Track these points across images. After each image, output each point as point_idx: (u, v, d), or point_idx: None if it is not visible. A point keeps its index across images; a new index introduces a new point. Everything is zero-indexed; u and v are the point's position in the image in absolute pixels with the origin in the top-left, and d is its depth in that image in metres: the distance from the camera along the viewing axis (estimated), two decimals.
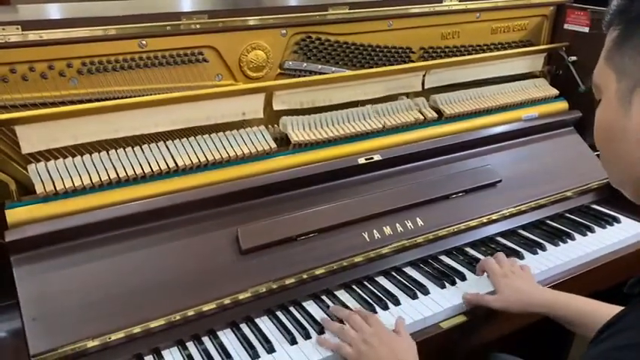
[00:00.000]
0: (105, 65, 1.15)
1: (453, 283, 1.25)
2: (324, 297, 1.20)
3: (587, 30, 1.69)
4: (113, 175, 1.13)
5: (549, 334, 1.72)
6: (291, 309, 1.16)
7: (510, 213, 1.47)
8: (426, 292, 1.21)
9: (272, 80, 1.36)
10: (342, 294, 1.21)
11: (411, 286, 1.23)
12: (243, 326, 1.11)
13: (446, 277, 1.26)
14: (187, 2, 1.45)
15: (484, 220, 1.43)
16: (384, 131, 1.44)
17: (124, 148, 1.17)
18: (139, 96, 1.19)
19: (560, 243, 1.41)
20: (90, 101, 1.14)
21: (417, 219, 1.33)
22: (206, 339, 1.08)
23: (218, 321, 1.11)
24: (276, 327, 1.11)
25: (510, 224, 1.47)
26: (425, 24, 1.56)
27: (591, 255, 1.38)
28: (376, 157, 1.37)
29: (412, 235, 1.31)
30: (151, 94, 1.20)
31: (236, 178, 1.24)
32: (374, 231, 1.28)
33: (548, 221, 1.52)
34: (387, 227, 1.30)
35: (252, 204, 1.23)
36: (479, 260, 1.29)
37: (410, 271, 1.29)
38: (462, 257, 1.36)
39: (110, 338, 1.01)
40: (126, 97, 1.17)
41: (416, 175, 1.42)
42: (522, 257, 1.35)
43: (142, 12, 1.18)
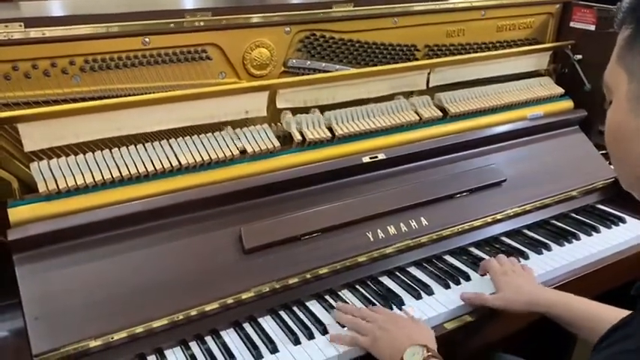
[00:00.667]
0: (108, 63, 1.15)
1: (458, 284, 1.24)
2: (328, 297, 1.19)
3: (593, 28, 1.68)
4: (116, 174, 1.13)
5: (552, 335, 1.71)
6: (294, 309, 1.15)
7: (515, 213, 1.46)
8: (430, 293, 1.20)
9: (275, 78, 1.36)
10: (346, 294, 1.21)
11: (415, 287, 1.22)
12: (246, 326, 1.11)
13: (450, 278, 1.25)
14: None
15: (489, 220, 1.42)
16: (389, 130, 1.43)
17: (127, 147, 1.17)
18: (142, 94, 1.18)
19: (565, 243, 1.40)
20: (93, 99, 1.13)
21: (422, 218, 1.33)
22: (209, 339, 1.08)
23: (221, 321, 1.11)
24: (279, 327, 1.11)
25: (515, 224, 1.46)
26: (430, 21, 1.55)
27: (597, 255, 1.37)
28: (380, 156, 1.36)
29: (416, 235, 1.31)
30: (154, 92, 1.19)
31: (239, 177, 1.23)
32: (378, 230, 1.27)
33: (553, 221, 1.51)
34: (391, 227, 1.29)
35: (255, 203, 1.22)
36: (483, 260, 1.29)
37: (414, 271, 1.29)
38: (467, 257, 1.35)
39: (113, 338, 1.01)
40: (129, 95, 1.17)
41: (420, 175, 1.41)
42: (527, 257, 1.34)
43: (145, 9, 1.17)
